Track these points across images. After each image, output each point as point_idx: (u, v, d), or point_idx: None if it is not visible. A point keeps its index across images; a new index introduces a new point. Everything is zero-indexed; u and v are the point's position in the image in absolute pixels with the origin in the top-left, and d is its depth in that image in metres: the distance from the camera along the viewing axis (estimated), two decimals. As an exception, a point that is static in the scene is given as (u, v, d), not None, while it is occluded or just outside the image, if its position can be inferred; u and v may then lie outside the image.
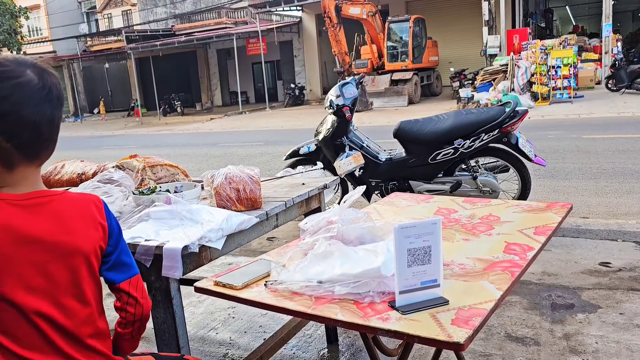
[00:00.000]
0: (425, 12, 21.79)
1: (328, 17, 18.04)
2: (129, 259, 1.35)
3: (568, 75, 14.44)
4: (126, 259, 1.33)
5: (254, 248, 4.34)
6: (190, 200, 2.10)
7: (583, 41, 20.96)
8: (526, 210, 2.16)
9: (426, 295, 1.35)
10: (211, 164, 9.52)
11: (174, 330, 1.82)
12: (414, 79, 19.18)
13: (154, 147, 13.96)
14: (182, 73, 31.98)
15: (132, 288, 1.32)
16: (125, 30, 29.19)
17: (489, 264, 1.61)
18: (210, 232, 1.82)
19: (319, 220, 1.74)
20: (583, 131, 9.64)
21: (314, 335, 2.83)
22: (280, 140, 12.33)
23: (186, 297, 3.27)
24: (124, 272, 1.32)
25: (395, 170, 4.54)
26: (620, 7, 30.15)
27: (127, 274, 1.33)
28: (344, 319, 1.31)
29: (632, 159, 6.94)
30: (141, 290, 1.36)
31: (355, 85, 4.64)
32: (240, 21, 31.30)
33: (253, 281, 1.59)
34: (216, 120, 21.67)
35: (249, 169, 2.23)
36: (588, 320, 2.74)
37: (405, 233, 1.30)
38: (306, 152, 4.82)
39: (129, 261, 1.34)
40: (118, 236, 1.32)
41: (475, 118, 4.23)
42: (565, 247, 3.82)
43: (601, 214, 4.84)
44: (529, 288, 3.17)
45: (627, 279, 3.21)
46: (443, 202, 2.38)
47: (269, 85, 27.99)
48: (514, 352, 2.49)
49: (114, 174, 2.31)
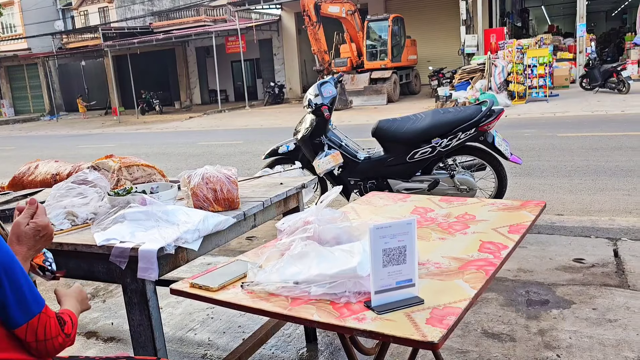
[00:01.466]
0: (404, 11, 21.91)
1: (307, 15, 18.03)
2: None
3: (544, 74, 14.67)
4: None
5: (233, 248, 4.32)
6: (167, 201, 2.09)
7: (558, 41, 21.30)
8: (501, 208, 2.19)
9: (402, 295, 1.36)
10: (190, 163, 9.44)
11: (150, 332, 1.80)
12: (393, 78, 19.28)
13: (131, 146, 13.79)
14: (161, 71, 31.62)
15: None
16: (102, 28, 28.71)
17: (464, 263, 1.63)
18: (186, 233, 1.81)
19: (295, 220, 1.74)
20: (558, 129, 9.81)
21: (293, 334, 2.83)
22: (259, 139, 12.28)
23: (164, 297, 3.25)
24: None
25: (373, 169, 4.56)
26: (594, 7, 30.76)
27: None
28: (320, 319, 1.31)
29: (605, 157, 7.09)
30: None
31: (333, 85, 4.65)
32: (219, 19, 31.06)
33: (229, 282, 1.58)
34: (195, 119, 21.49)
35: (226, 169, 2.22)
36: (562, 316, 2.79)
37: (381, 233, 1.31)
38: (285, 151, 4.82)
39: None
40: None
41: (452, 117, 4.27)
42: (541, 244, 3.88)
43: (575, 211, 4.94)
44: (505, 285, 3.22)
45: (600, 275, 3.28)
46: (420, 201, 2.40)
47: (249, 84, 27.85)
48: (490, 349, 2.53)
49: (89, 175, 2.28)
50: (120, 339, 2.99)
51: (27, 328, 1.14)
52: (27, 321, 1.14)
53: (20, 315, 1.13)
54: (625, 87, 14.02)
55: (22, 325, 1.14)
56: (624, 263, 3.44)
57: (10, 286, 1.11)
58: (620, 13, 36.55)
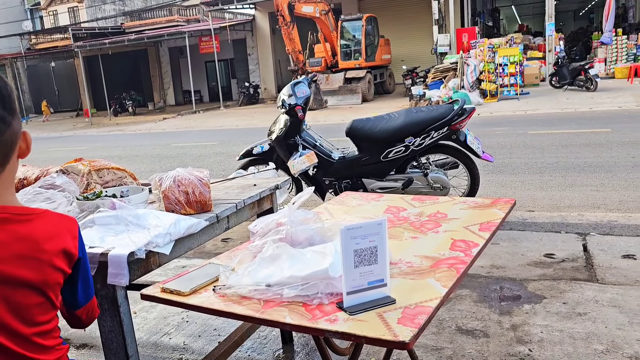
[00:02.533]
0: (377, 11, 22.04)
1: (281, 15, 17.98)
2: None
3: (514, 72, 14.95)
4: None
5: (208, 250, 4.29)
6: (137, 204, 2.06)
7: (528, 40, 21.74)
8: (472, 206, 2.22)
9: (374, 295, 1.37)
10: (164, 165, 9.33)
11: (121, 338, 1.77)
12: (367, 77, 19.38)
13: (104, 149, 13.57)
14: (133, 72, 31.18)
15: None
16: (72, 28, 28.16)
17: (435, 262, 1.64)
18: (157, 237, 1.78)
19: (268, 222, 1.74)
20: (529, 127, 9.99)
21: (269, 336, 2.82)
22: (234, 139, 12.21)
23: (138, 302, 3.21)
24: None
25: (348, 168, 4.57)
26: (562, 7, 31.43)
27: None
28: (292, 322, 1.31)
29: (574, 154, 7.25)
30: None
31: (307, 85, 4.65)
32: (192, 19, 30.78)
33: (201, 286, 1.57)
34: (169, 120, 21.26)
35: (198, 171, 2.20)
36: (534, 311, 2.84)
37: (352, 234, 1.32)
38: (260, 152, 4.80)
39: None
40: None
41: (425, 116, 4.31)
42: (513, 240, 3.95)
43: (546, 207, 5.03)
44: (479, 281, 3.27)
45: (570, 269, 3.35)
46: (392, 201, 2.41)
47: (223, 84, 27.66)
48: (464, 345, 2.56)
49: (57, 179, 2.24)
50: (93, 346, 2.94)
51: (84, 309, 1.32)
52: (86, 303, 1.32)
53: (83, 299, 1.30)
54: (593, 85, 14.36)
55: (82, 307, 1.31)
56: (592, 257, 3.52)
57: (82, 278, 1.27)
58: (588, 12, 37.46)
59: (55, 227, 1.16)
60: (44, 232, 1.13)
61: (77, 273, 1.24)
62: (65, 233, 1.18)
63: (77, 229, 1.22)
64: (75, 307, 1.30)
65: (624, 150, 7.18)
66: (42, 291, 1.13)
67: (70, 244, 1.17)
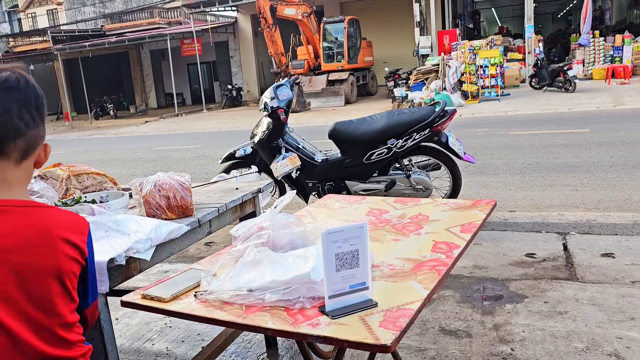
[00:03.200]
0: (359, 13, 22.13)
1: (263, 17, 17.96)
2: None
3: (495, 74, 15.12)
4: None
5: (191, 254, 4.26)
6: (117, 210, 2.03)
7: (508, 42, 21.98)
8: (453, 208, 2.24)
9: (356, 299, 1.37)
10: (146, 169, 9.24)
11: (102, 346, 1.75)
12: (350, 79, 19.44)
13: (85, 153, 13.40)
14: (114, 74, 30.84)
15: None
16: (51, 30, 27.79)
17: (417, 264, 1.65)
18: (138, 242, 1.77)
19: (250, 226, 1.73)
20: (510, 128, 10.10)
21: (253, 340, 2.81)
22: (217, 142, 12.15)
23: (120, 308, 3.15)
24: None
25: (331, 170, 4.58)
26: (541, 9, 31.89)
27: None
28: (274, 326, 1.31)
29: (554, 154, 7.35)
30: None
31: (289, 87, 4.65)
32: (173, 21, 30.57)
33: (183, 292, 1.56)
34: (151, 123, 21.08)
35: (179, 176, 2.18)
36: (516, 310, 2.87)
37: (333, 238, 1.32)
38: (242, 155, 4.78)
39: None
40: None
41: (406, 118, 4.33)
42: (495, 241, 3.99)
43: (527, 207, 5.09)
44: (461, 282, 3.29)
45: (551, 269, 3.39)
46: (375, 203, 2.42)
47: (206, 87, 27.51)
48: (447, 346, 2.58)
49: (35, 185, 2.20)
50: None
51: (91, 308, 1.34)
52: (93, 302, 1.34)
53: (91, 298, 1.33)
54: (572, 86, 14.59)
55: (90, 305, 1.33)
56: (572, 256, 3.57)
57: (91, 277, 1.30)
58: (566, 15, 38.09)
59: (65, 219, 1.20)
60: (54, 221, 1.17)
61: (87, 269, 1.27)
62: (74, 227, 1.22)
63: (87, 226, 1.26)
64: (85, 305, 1.32)
65: (602, 150, 7.30)
66: (59, 279, 1.16)
67: (77, 239, 1.21)
